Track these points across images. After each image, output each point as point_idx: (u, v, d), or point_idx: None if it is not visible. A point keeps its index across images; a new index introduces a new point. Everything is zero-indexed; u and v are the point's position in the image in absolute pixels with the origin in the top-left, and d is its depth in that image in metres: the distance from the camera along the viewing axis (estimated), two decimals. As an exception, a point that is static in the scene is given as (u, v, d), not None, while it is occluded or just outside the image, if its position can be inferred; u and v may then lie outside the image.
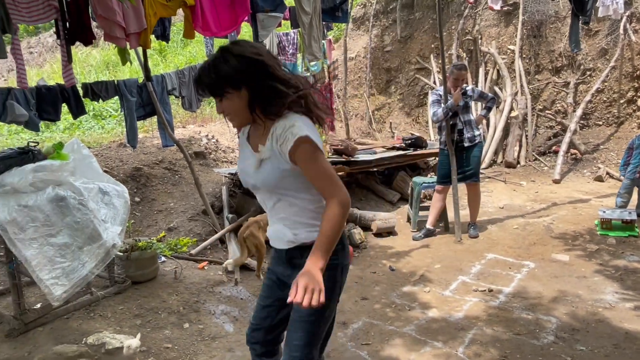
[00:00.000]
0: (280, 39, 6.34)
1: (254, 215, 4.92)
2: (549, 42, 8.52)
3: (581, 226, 4.94)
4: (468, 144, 4.83)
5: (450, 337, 3.02)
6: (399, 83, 10.39)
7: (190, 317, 3.26)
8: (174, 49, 11.93)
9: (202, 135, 6.86)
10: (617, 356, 2.73)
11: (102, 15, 2.99)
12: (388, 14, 10.73)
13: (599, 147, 7.59)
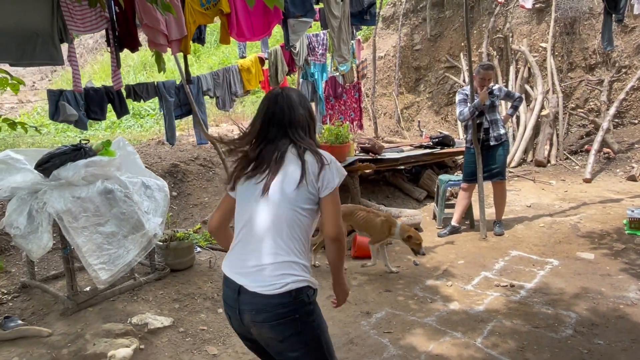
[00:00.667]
0: (310, 40, 6.52)
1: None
2: (582, 39, 8.38)
3: (609, 225, 4.92)
4: (494, 142, 4.90)
5: (470, 329, 3.14)
6: (428, 82, 10.42)
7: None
8: (207, 50, 12.33)
9: (235, 133, 7.15)
10: (635, 350, 2.79)
11: (147, 24, 3.27)
12: (418, 12, 10.77)
13: (634, 146, 7.43)
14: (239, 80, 5.67)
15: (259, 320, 1.64)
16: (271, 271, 1.64)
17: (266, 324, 1.64)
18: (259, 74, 5.87)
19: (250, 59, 5.80)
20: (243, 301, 1.66)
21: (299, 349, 1.69)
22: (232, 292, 1.70)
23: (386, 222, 4.11)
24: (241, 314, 1.68)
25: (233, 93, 5.51)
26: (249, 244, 1.70)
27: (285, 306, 1.63)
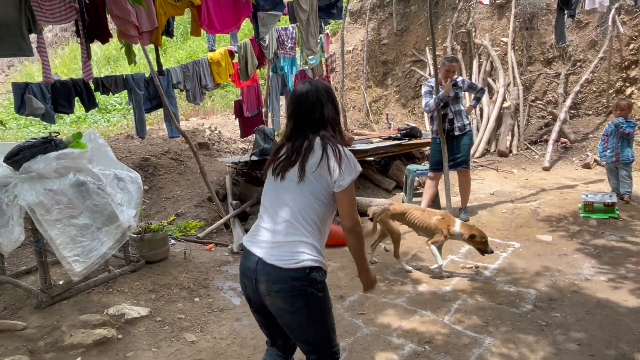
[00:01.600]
0: (279, 33, 6.58)
1: (257, 202, 5.21)
2: (540, 34, 8.76)
3: (566, 209, 5.22)
4: (458, 132, 5.11)
5: (438, 307, 3.31)
6: (396, 75, 10.64)
7: (200, 292, 3.55)
8: (174, 44, 12.16)
9: (205, 127, 7.13)
10: (588, 320, 3.03)
11: (118, 15, 3.26)
12: (384, 7, 10.95)
13: (588, 135, 7.86)
14: (209, 74, 5.68)
15: (274, 290, 1.81)
16: (289, 248, 1.82)
17: (280, 294, 1.81)
18: (229, 67, 5.89)
19: (220, 52, 5.81)
20: (261, 272, 1.82)
21: (306, 321, 1.86)
22: (251, 264, 1.86)
23: (443, 220, 3.81)
24: (257, 284, 1.84)
25: (203, 86, 5.52)
26: (270, 223, 1.89)
27: (299, 280, 1.79)
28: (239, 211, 4.95)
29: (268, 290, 1.82)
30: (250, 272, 1.87)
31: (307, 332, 1.90)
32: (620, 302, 3.22)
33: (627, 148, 5.34)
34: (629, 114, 5.45)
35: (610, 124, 5.50)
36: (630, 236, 4.42)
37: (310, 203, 1.86)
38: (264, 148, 5.34)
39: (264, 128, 5.56)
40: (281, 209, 1.88)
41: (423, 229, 3.91)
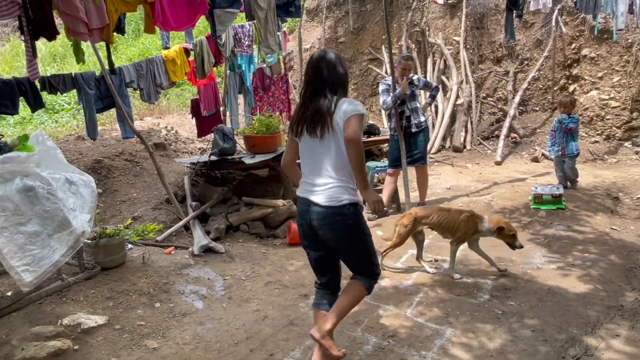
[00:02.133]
0: (236, 31, 6.48)
1: (217, 202, 5.13)
2: (490, 33, 9.11)
3: (517, 202, 5.46)
4: (415, 129, 5.23)
5: (400, 301, 3.38)
6: (353, 73, 10.74)
7: (161, 297, 3.45)
8: (126, 41, 11.74)
9: (161, 127, 6.93)
10: (541, 307, 3.19)
11: (64, 11, 3.10)
12: (340, 5, 11.03)
13: (536, 131, 8.25)
14: (164, 72, 5.52)
15: (324, 224, 2.36)
16: (332, 191, 2.34)
17: (329, 227, 2.36)
18: (184, 65, 5.75)
19: (175, 50, 5.66)
20: (313, 212, 2.37)
21: (351, 245, 2.42)
22: (304, 207, 2.42)
23: (471, 218, 3.71)
24: (311, 221, 2.40)
25: (158, 85, 5.36)
26: (314, 173, 2.40)
27: (342, 215, 2.33)
28: (198, 212, 4.85)
29: (320, 225, 2.37)
30: (305, 214, 2.42)
31: (353, 254, 2.47)
32: (569, 289, 3.41)
33: (571, 142, 5.65)
34: (572, 110, 5.77)
35: (555, 121, 5.81)
36: (577, 225, 4.68)
37: (341, 152, 2.33)
38: (224, 148, 5.25)
39: (223, 127, 5.47)
40: (320, 161, 2.38)
41: (450, 229, 3.74)
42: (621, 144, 7.53)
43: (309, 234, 2.47)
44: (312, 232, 2.44)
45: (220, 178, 5.95)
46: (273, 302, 3.46)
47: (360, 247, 2.45)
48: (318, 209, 2.35)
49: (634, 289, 3.40)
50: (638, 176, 6.35)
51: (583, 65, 8.11)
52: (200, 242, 4.32)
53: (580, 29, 8.19)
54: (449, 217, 3.76)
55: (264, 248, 4.59)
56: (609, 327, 2.90)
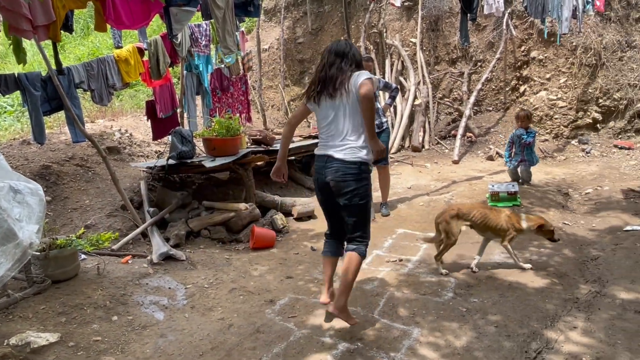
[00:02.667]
0: (192, 30, 6.29)
1: (176, 207, 4.96)
2: (445, 35, 9.34)
3: (475, 200, 5.61)
4: (377, 130, 5.25)
5: (367, 303, 3.38)
6: (313, 74, 10.72)
7: (118, 310, 3.28)
8: (74, 39, 11.17)
9: (115, 129, 6.63)
10: (503, 303, 3.27)
11: (5, 6, 2.87)
12: (299, 6, 10.99)
13: (490, 130, 8.54)
14: (117, 72, 5.28)
15: (337, 175, 2.82)
16: (348, 149, 2.82)
17: (340, 177, 2.81)
18: (138, 66, 5.52)
19: (128, 50, 5.42)
20: (329, 165, 2.85)
21: (357, 199, 2.84)
22: (322, 162, 2.90)
23: (512, 217, 3.73)
24: (326, 174, 2.87)
25: (110, 86, 5.12)
26: (332, 133, 2.87)
27: (353, 169, 2.81)
28: (157, 219, 4.67)
29: (334, 177, 2.83)
30: (321, 168, 2.90)
31: (355, 211, 2.87)
32: (528, 284, 3.53)
33: (530, 155, 5.92)
34: (528, 124, 6.01)
35: (512, 134, 6.04)
36: (531, 221, 4.86)
37: (354, 115, 2.82)
38: (182, 151, 5.08)
39: (181, 130, 5.29)
40: (338, 124, 2.84)
41: (492, 228, 3.72)
42: (569, 142, 7.93)
43: (324, 189, 2.95)
44: (326, 187, 2.91)
45: (179, 182, 5.76)
46: (238, 309, 3.36)
47: (362, 207, 2.88)
48: (336, 163, 2.82)
49: (587, 282, 3.56)
50: (585, 172, 6.70)
51: (532, 67, 8.47)
52: (159, 249, 4.15)
53: (529, 32, 8.55)
54: (490, 216, 3.74)
55: (226, 253, 4.47)
56: (567, 320, 3.01)
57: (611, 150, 7.49)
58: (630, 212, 4.93)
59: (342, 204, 2.88)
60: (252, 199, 5.28)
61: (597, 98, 7.86)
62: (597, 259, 3.94)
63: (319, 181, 2.94)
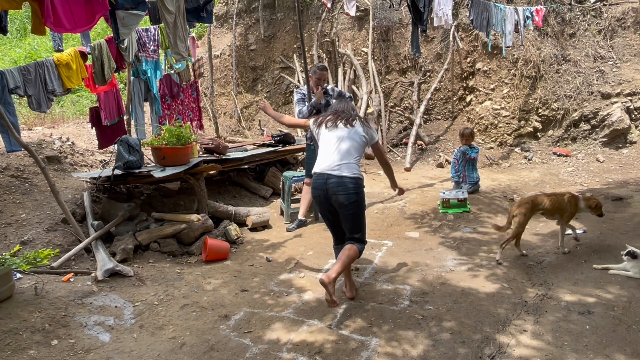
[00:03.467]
0: (140, 35, 6.05)
1: (122, 220, 4.72)
2: (395, 46, 9.56)
3: (427, 207, 5.74)
4: (331, 139, 5.27)
5: (324, 314, 3.34)
6: (265, 81, 10.65)
7: (59, 333, 3.05)
8: (9, 41, 10.49)
9: (55, 137, 6.24)
10: (457, 309, 3.33)
11: None
12: (251, 12, 10.90)
13: (439, 138, 8.81)
14: (57, 77, 4.98)
15: (339, 190, 3.25)
16: (346, 167, 3.29)
17: (341, 192, 3.24)
18: (81, 70, 5.23)
19: (69, 53, 5.13)
20: (330, 182, 3.27)
21: (355, 210, 3.31)
22: (322, 179, 3.31)
23: (572, 198, 4.15)
24: (328, 190, 3.28)
25: (50, 91, 4.81)
26: (331, 156, 3.33)
27: (352, 184, 3.27)
28: (102, 232, 4.41)
29: (335, 191, 3.25)
30: (321, 185, 3.31)
31: (354, 219, 3.33)
32: (479, 289, 3.62)
33: (472, 172, 6.14)
34: (471, 141, 6.26)
35: (457, 151, 6.26)
36: (481, 227, 5.03)
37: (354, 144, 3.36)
38: (129, 161, 4.84)
39: (128, 138, 5.04)
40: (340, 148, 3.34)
41: (559, 210, 4.12)
42: (512, 150, 8.31)
43: (324, 203, 3.35)
44: (326, 201, 3.32)
45: (126, 193, 5.50)
46: (190, 326, 3.22)
47: (359, 214, 3.35)
48: (335, 178, 3.26)
49: (534, 285, 3.70)
50: (528, 179, 7.04)
51: (477, 77, 8.83)
52: (104, 265, 3.92)
53: (474, 44, 8.92)
54: (557, 200, 4.13)
55: (178, 267, 4.30)
56: (517, 324, 3.11)
57: (550, 157, 7.93)
58: (570, 217, 5.21)
59: (342, 215, 3.32)
60: (205, 209, 5.12)
61: (537, 108, 8.30)
62: (542, 262, 4.12)
63: (320, 196, 3.34)
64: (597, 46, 8.36)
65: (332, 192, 3.25)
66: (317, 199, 3.37)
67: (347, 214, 3.29)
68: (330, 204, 3.32)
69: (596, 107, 7.94)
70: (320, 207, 3.42)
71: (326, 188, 3.27)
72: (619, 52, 8.25)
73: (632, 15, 8.27)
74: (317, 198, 3.38)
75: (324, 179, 3.28)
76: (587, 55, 8.32)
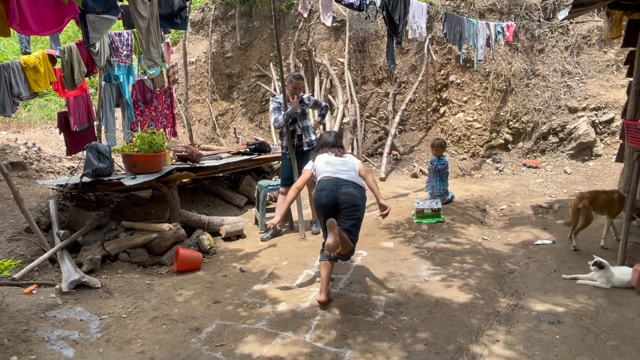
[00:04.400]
0: (112, 39, 5.93)
1: (90, 229, 4.57)
2: (371, 57, 9.67)
3: (402, 216, 5.77)
4: (307, 147, 5.26)
5: (298, 326, 3.29)
6: (241, 89, 10.58)
7: (19, 349, 2.90)
8: (-27, 42, 10.09)
9: (20, 143, 6.02)
10: (431, 320, 3.34)
11: None
12: (227, 20, 10.84)
13: (414, 148, 8.91)
14: (23, 80, 4.82)
15: (348, 191, 3.61)
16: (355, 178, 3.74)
17: (350, 195, 3.61)
18: (49, 74, 5.08)
19: (37, 56, 4.97)
20: (339, 185, 3.63)
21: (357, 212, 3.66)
22: (332, 184, 3.65)
23: (621, 196, 4.43)
24: (337, 192, 3.60)
25: (15, 95, 4.64)
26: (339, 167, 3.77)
27: (360, 190, 3.70)
28: (68, 242, 4.25)
29: (346, 192, 3.60)
30: (331, 186, 3.64)
31: (354, 219, 3.65)
32: (453, 299, 3.64)
33: (441, 183, 6.18)
34: (441, 152, 6.29)
35: (431, 162, 6.31)
36: (454, 237, 5.08)
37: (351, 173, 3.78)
38: (98, 168, 4.70)
39: (98, 145, 4.90)
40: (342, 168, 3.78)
41: (608, 207, 4.39)
42: (484, 161, 8.48)
43: (330, 205, 3.61)
44: (333, 203, 3.60)
45: (95, 201, 5.33)
46: (160, 340, 3.12)
47: (360, 216, 3.71)
48: (347, 183, 3.65)
49: (506, 295, 3.75)
50: (499, 189, 7.18)
51: (451, 89, 9.00)
52: (70, 276, 3.77)
53: (448, 57, 9.10)
54: (609, 197, 4.41)
55: (148, 278, 4.17)
56: (490, 334, 3.13)
57: (521, 169, 8.12)
58: (539, 227, 5.33)
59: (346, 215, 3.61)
60: (177, 218, 5.01)
61: (508, 120, 8.51)
62: (513, 272, 4.19)
63: (328, 197, 3.61)
64: (565, 62, 8.66)
65: (343, 192, 3.58)
66: (323, 199, 3.60)
67: (350, 213, 3.60)
68: (335, 204, 3.58)
69: (564, 120, 8.20)
70: (324, 208, 3.60)
71: (336, 190, 3.59)
72: (585, 68, 8.57)
73: (597, 33, 8.61)
74: (323, 198, 3.60)
75: (333, 181, 3.64)
76: (555, 71, 8.60)
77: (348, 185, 3.62)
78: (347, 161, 3.83)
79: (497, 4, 9.05)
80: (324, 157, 3.85)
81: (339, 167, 3.74)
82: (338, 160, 3.81)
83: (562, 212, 5.72)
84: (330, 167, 3.75)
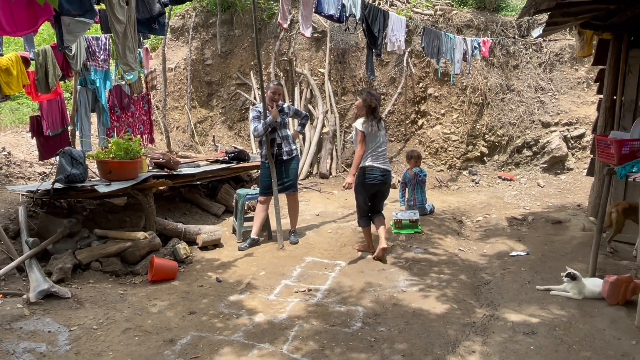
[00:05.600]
0: (89, 43, 5.82)
1: (61, 237, 4.43)
2: (351, 68, 9.75)
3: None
4: (286, 157, 5.24)
5: (275, 337, 3.25)
6: (221, 97, 10.51)
7: (-19, 362, 2.77)
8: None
9: (-8, 149, 5.82)
10: (408, 331, 3.34)
11: None
12: (208, 27, 10.79)
13: (393, 159, 8.98)
14: (-6, 83, 4.65)
15: (385, 179, 4.74)
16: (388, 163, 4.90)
17: (386, 181, 4.79)
18: (22, 77, 4.94)
19: (10, 58, 4.84)
20: (383, 175, 4.72)
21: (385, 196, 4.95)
22: (378, 171, 4.67)
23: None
24: (381, 180, 4.70)
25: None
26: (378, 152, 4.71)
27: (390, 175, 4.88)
28: (37, 250, 4.11)
29: (384, 180, 4.72)
30: (379, 177, 4.67)
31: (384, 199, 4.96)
32: (430, 310, 3.66)
33: (421, 194, 6.25)
34: (415, 164, 6.37)
35: (404, 175, 6.37)
36: (431, 248, 5.12)
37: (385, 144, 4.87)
38: (71, 174, 4.57)
39: (71, 150, 4.76)
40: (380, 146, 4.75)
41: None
42: (461, 173, 8.61)
43: (374, 191, 4.74)
44: (376, 189, 4.74)
45: (67, 208, 5.17)
46: (132, 352, 3.03)
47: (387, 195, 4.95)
48: (386, 173, 4.73)
49: (482, 306, 3.79)
50: (475, 201, 7.29)
51: (429, 102, 9.15)
52: (38, 286, 3.63)
53: (426, 70, 9.26)
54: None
55: (120, 288, 4.06)
56: (466, 345, 3.15)
57: (496, 181, 8.28)
58: (514, 239, 5.42)
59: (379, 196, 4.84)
60: (152, 226, 4.91)
61: (484, 134, 8.69)
62: (489, 283, 4.24)
63: (375, 184, 4.68)
64: (538, 78, 8.91)
65: (384, 181, 4.72)
66: (371, 186, 4.68)
67: (383, 195, 4.87)
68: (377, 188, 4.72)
69: (537, 134, 8.42)
70: (369, 192, 4.73)
71: (381, 179, 4.67)
72: (557, 84, 8.84)
73: (569, 51, 8.91)
74: (371, 187, 4.69)
75: (380, 170, 4.67)
76: (529, 86, 8.85)
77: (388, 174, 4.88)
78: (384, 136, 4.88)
79: (474, 20, 9.28)
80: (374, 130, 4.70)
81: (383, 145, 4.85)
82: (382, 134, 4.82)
83: (536, 224, 5.84)
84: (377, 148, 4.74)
